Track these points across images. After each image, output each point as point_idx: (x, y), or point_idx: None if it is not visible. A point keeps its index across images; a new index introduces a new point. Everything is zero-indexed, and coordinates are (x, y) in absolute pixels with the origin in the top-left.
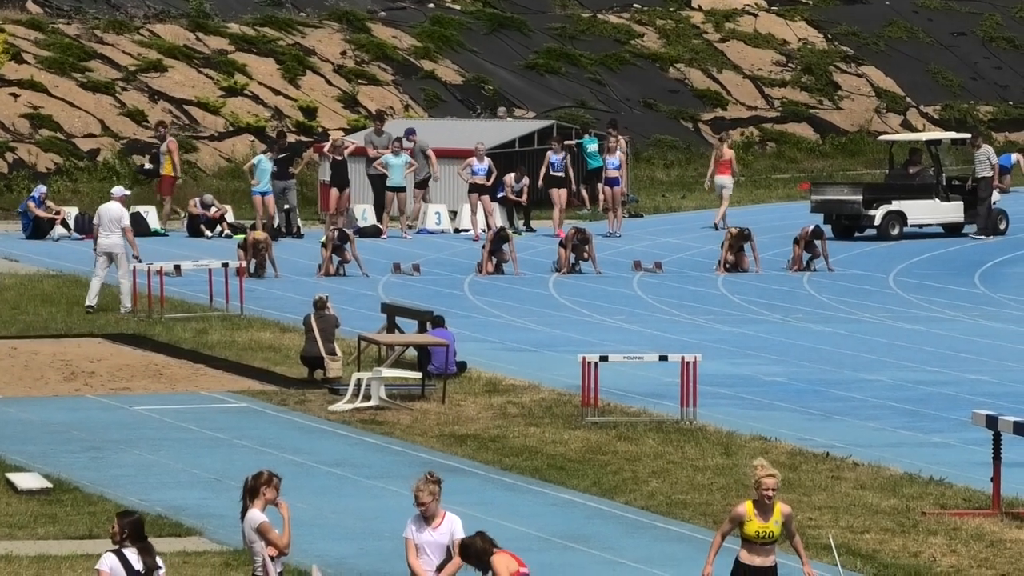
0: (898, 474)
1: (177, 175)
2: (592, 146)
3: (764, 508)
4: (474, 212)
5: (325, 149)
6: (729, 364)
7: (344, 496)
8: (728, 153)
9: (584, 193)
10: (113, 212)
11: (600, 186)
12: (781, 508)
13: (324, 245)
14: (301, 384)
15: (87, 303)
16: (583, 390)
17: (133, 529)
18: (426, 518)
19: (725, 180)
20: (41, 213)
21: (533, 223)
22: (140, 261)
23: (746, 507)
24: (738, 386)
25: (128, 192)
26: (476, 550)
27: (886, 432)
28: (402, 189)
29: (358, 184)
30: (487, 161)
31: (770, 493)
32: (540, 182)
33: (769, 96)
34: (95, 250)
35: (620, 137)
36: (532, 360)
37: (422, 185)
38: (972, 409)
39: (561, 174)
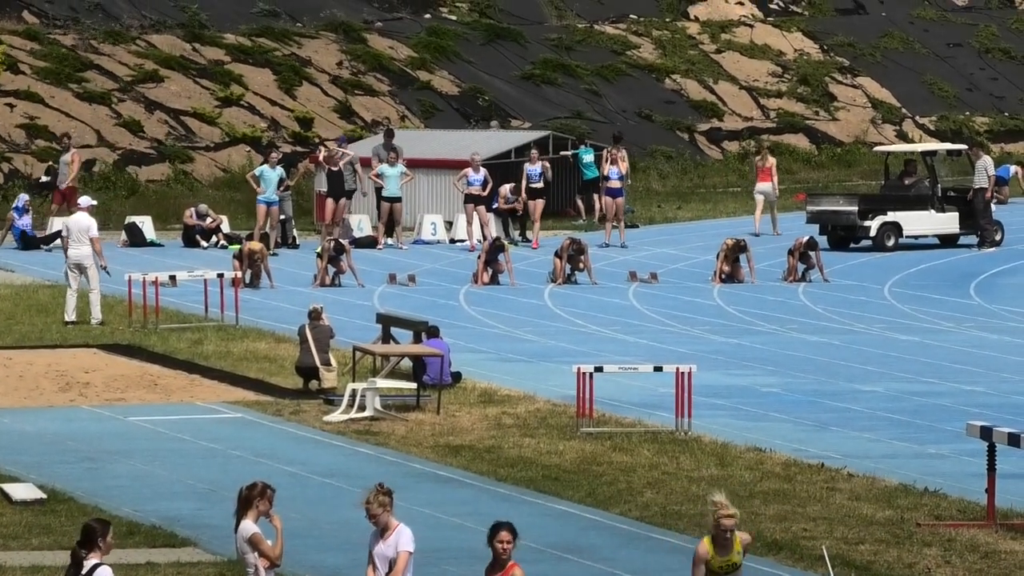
0: (893, 485)
1: (75, 187)
2: (588, 157)
3: (724, 543)
4: (470, 223)
5: (320, 158)
6: (724, 375)
7: (338, 507)
8: (770, 161)
9: (580, 204)
10: (82, 223)
11: (599, 197)
12: (741, 538)
13: (320, 255)
14: (296, 395)
15: (66, 319)
16: (578, 401)
17: (83, 535)
18: (378, 530)
19: (766, 187)
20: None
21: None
22: (109, 273)
23: (706, 546)
24: (733, 397)
25: (95, 202)
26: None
27: (881, 443)
28: (398, 200)
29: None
30: (483, 172)
31: (728, 533)
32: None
33: (765, 107)
34: (66, 262)
35: (623, 150)
36: (527, 371)
37: (349, 195)
38: (967, 420)
39: (539, 185)
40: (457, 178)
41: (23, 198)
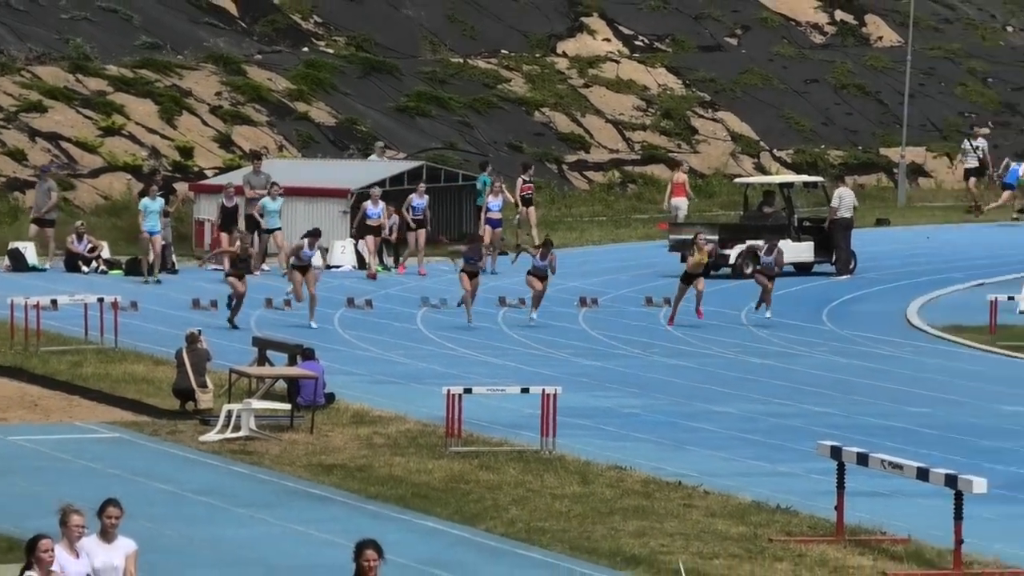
0: (747, 502)
1: None
2: (481, 185)
3: None
4: (371, 253)
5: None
6: (588, 396)
7: (214, 524)
8: (681, 177)
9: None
10: None
11: (484, 227)
12: None
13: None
14: (173, 415)
15: None
16: (447, 421)
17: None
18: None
19: (680, 202)
20: None
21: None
22: None
23: None
24: (596, 417)
25: None
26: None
27: (735, 462)
28: (278, 229)
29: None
30: (381, 204)
31: None
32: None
33: (630, 139)
34: None
35: (502, 182)
36: (398, 392)
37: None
38: (817, 440)
39: (421, 217)
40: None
41: None
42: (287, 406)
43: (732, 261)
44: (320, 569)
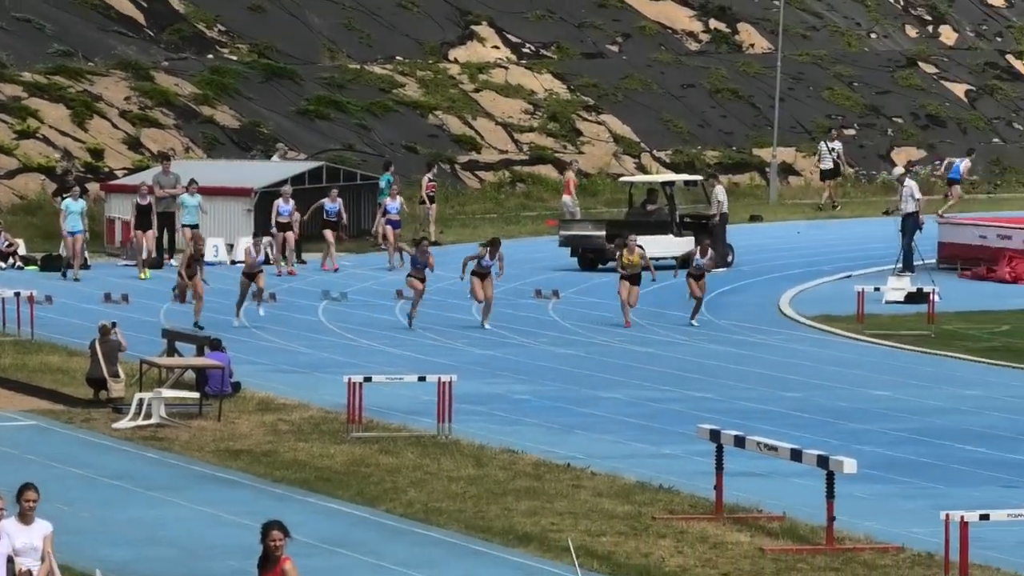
0: (632, 483)
1: None
2: (384, 183)
3: None
4: (278, 249)
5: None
6: (482, 383)
7: (126, 506)
8: (568, 176)
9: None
10: None
11: (383, 227)
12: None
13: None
14: (87, 404)
15: None
16: (348, 408)
17: None
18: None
19: (568, 200)
20: None
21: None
22: None
23: None
24: (489, 404)
25: None
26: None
27: (621, 444)
28: (196, 226)
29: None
30: (292, 203)
31: None
32: (307, 217)
33: (519, 141)
34: None
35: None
36: (301, 381)
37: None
38: (697, 424)
39: (334, 220)
40: (274, 212)
41: None
42: (196, 395)
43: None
44: (228, 548)
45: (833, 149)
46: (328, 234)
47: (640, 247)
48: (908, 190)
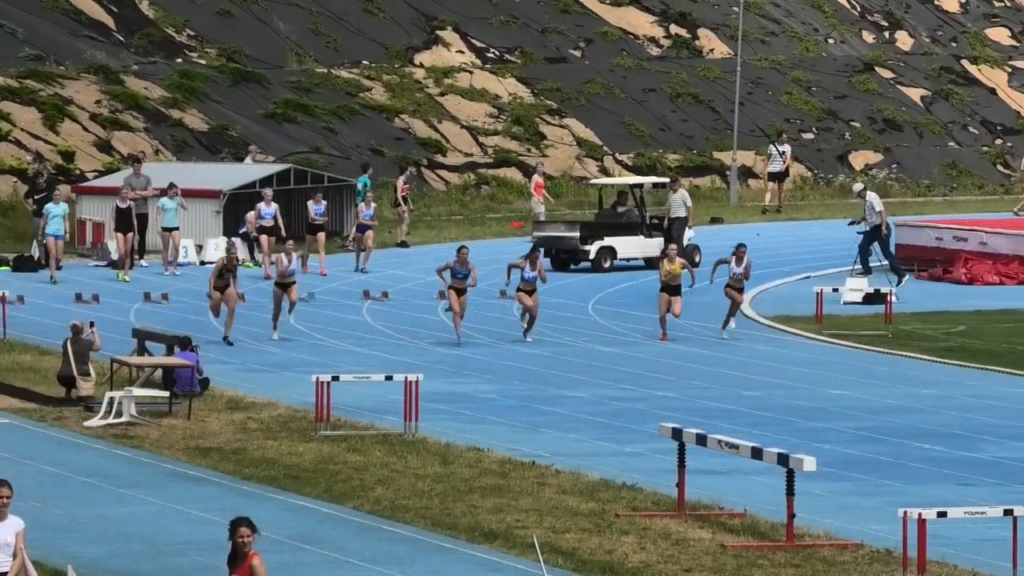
0: (595, 480)
1: None
2: (361, 186)
3: None
4: (265, 253)
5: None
6: (448, 383)
7: (97, 503)
8: (535, 179)
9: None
10: None
11: (355, 230)
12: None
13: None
14: (59, 402)
15: None
16: (316, 407)
17: None
18: None
19: (535, 202)
20: None
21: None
22: None
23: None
24: (455, 402)
25: None
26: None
27: (585, 443)
28: (176, 228)
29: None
30: (274, 206)
31: None
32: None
33: (484, 144)
34: None
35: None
36: (270, 380)
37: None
38: (660, 422)
39: (320, 221)
40: (254, 215)
41: None
42: (165, 393)
43: (592, 256)
44: (198, 545)
45: (783, 152)
46: (313, 237)
47: (680, 257)
48: (869, 204)
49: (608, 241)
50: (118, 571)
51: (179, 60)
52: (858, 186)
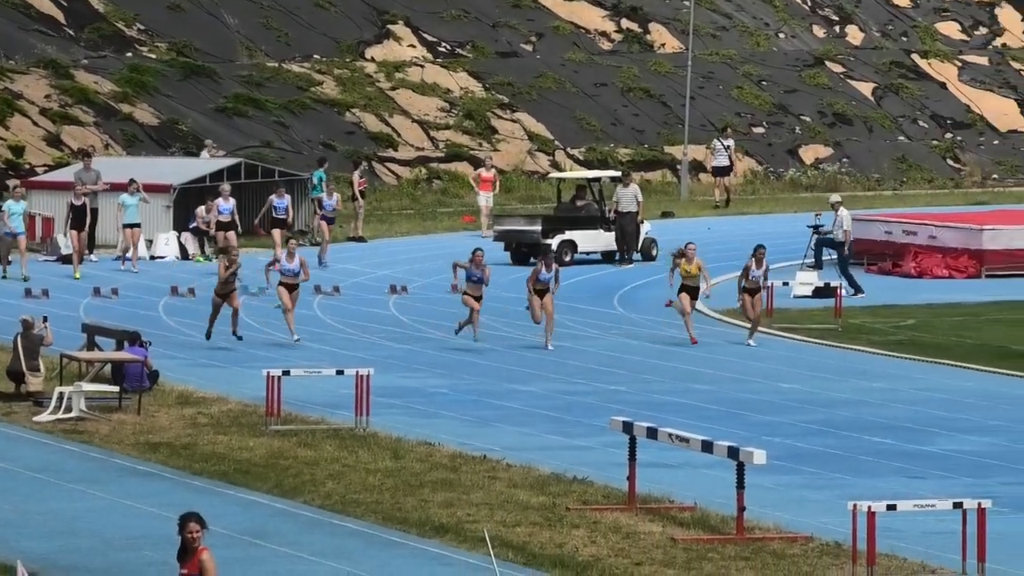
0: (546, 474)
1: None
2: (317, 180)
3: None
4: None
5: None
6: (399, 377)
7: (47, 499)
8: (486, 173)
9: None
10: None
11: (318, 222)
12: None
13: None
14: (8, 398)
15: None
16: (267, 401)
17: None
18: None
19: (485, 196)
20: None
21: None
22: None
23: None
24: (406, 397)
25: None
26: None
27: (536, 437)
28: (137, 225)
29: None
30: (232, 201)
31: None
32: (258, 219)
33: (435, 138)
34: None
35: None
36: (221, 375)
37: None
38: (611, 416)
39: (283, 216)
40: (206, 209)
41: None
42: (115, 388)
43: (553, 250)
44: (148, 540)
45: (728, 147)
46: (276, 233)
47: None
48: (840, 220)
49: (569, 235)
50: (67, 566)
51: (129, 54)
52: (835, 198)
